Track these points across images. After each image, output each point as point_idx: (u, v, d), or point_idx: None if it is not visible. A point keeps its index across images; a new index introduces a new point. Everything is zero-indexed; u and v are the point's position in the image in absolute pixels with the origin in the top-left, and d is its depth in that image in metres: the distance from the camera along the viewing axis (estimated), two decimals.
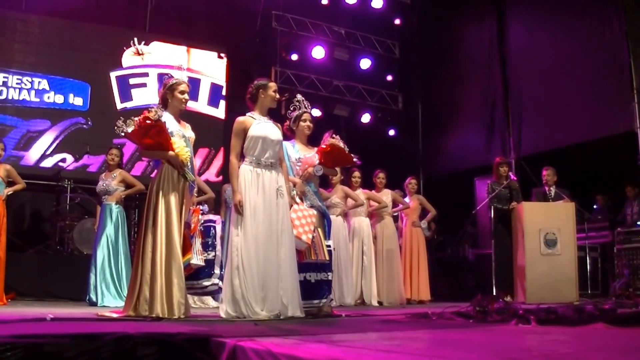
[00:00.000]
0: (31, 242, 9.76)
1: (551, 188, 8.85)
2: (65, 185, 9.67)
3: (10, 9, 9.80)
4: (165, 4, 11.39)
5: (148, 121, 4.87)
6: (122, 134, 5.02)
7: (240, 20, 12.26)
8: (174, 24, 11.62)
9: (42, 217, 10.49)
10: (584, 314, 4.28)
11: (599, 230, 9.40)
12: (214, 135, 7.31)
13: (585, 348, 2.78)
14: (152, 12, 11.32)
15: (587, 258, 9.06)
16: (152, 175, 5.20)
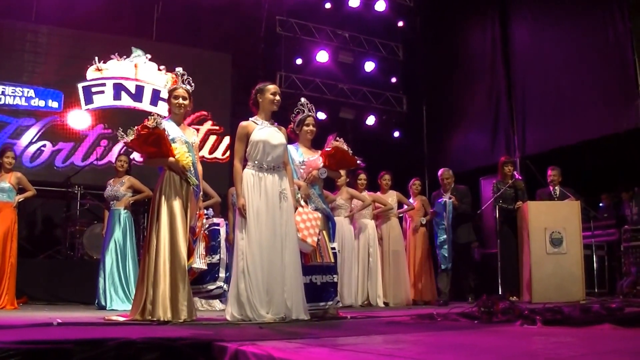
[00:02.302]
0: (42, 248, 9.88)
1: (556, 188, 8.79)
2: (76, 192, 9.83)
3: (20, 20, 10.45)
4: (172, 12, 11.52)
5: (145, 130, 4.91)
6: (124, 143, 5.08)
7: (245, 27, 12.34)
8: (180, 31, 11.77)
9: (52, 223, 10.61)
10: (591, 314, 4.26)
11: (605, 229, 9.37)
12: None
13: (592, 351, 2.73)
14: (158, 20, 11.47)
15: (594, 256, 9.00)
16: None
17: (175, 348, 2.95)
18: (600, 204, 10.33)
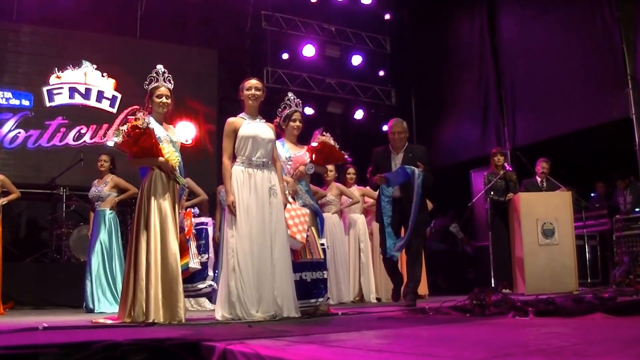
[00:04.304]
0: (28, 251, 9.76)
1: (543, 179, 8.76)
2: (61, 193, 9.78)
3: (1, 19, 10.63)
4: (156, 8, 11.45)
5: (137, 130, 4.83)
6: (111, 144, 4.99)
7: (231, 22, 12.31)
8: (164, 28, 11.73)
9: (38, 225, 10.53)
10: (583, 304, 4.26)
11: (597, 219, 9.36)
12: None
13: (583, 341, 2.72)
14: (142, 17, 11.39)
15: (586, 247, 9.00)
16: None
17: (162, 349, 2.91)
18: (592, 194, 10.33)
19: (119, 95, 10.97)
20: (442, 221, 11.53)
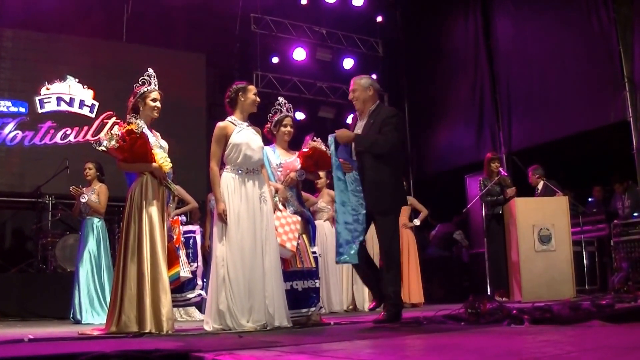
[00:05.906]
0: (13, 262, 9.66)
1: (537, 187, 8.71)
2: (47, 202, 9.72)
3: None
4: (142, 11, 11.34)
5: (133, 134, 4.76)
6: (102, 149, 4.84)
7: (220, 26, 12.22)
8: (152, 31, 11.60)
9: (23, 235, 10.45)
10: (580, 311, 4.25)
11: (595, 224, 9.26)
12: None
13: (578, 349, 2.70)
14: (128, 20, 11.26)
15: (584, 253, 8.92)
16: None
17: None
18: (590, 199, 10.24)
19: (97, 103, 11.52)
20: (446, 227, 11.42)
